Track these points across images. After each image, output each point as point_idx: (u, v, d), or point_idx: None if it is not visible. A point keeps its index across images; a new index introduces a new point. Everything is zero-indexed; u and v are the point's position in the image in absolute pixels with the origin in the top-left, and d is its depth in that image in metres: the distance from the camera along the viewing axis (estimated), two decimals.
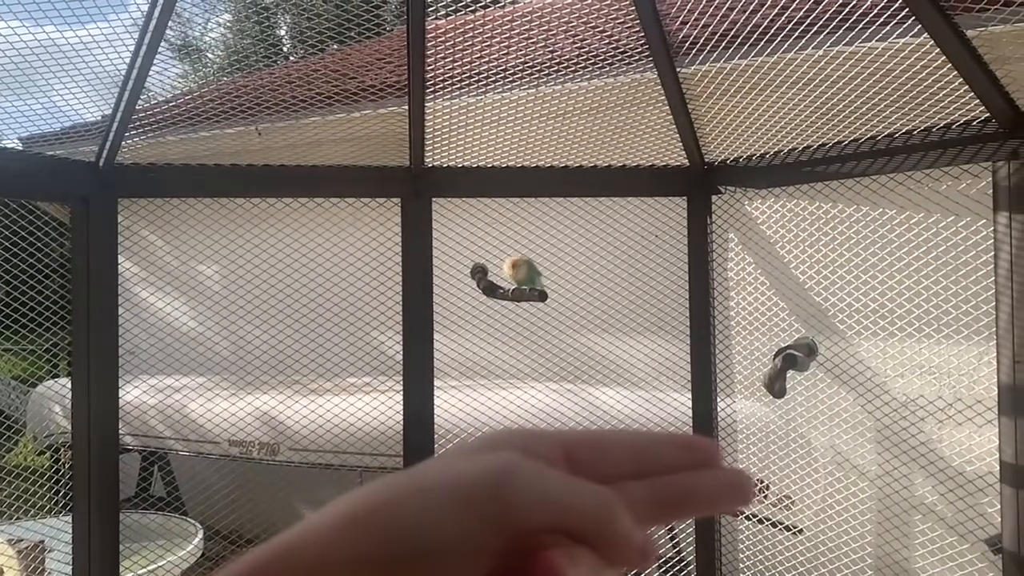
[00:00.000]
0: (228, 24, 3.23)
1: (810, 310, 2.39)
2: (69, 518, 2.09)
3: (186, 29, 3.11)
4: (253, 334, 2.68)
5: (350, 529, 0.30)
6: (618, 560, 0.30)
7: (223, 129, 2.63)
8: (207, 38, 3.18)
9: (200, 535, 3.28)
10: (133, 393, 2.45)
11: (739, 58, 2.14)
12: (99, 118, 2.54)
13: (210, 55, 3.44)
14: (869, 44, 1.80)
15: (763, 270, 2.49)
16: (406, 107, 2.27)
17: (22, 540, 2.39)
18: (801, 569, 2.41)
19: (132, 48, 1.96)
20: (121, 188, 2.14)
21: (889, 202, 2.10)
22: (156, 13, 1.88)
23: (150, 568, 2.85)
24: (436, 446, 2.33)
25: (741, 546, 2.49)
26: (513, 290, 2.35)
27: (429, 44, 2.18)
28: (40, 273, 2.77)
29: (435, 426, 2.32)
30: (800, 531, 2.48)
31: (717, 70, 2.17)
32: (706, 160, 2.37)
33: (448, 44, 2.25)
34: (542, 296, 2.31)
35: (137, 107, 2.12)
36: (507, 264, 2.30)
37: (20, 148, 2.68)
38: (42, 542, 2.39)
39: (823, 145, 2.09)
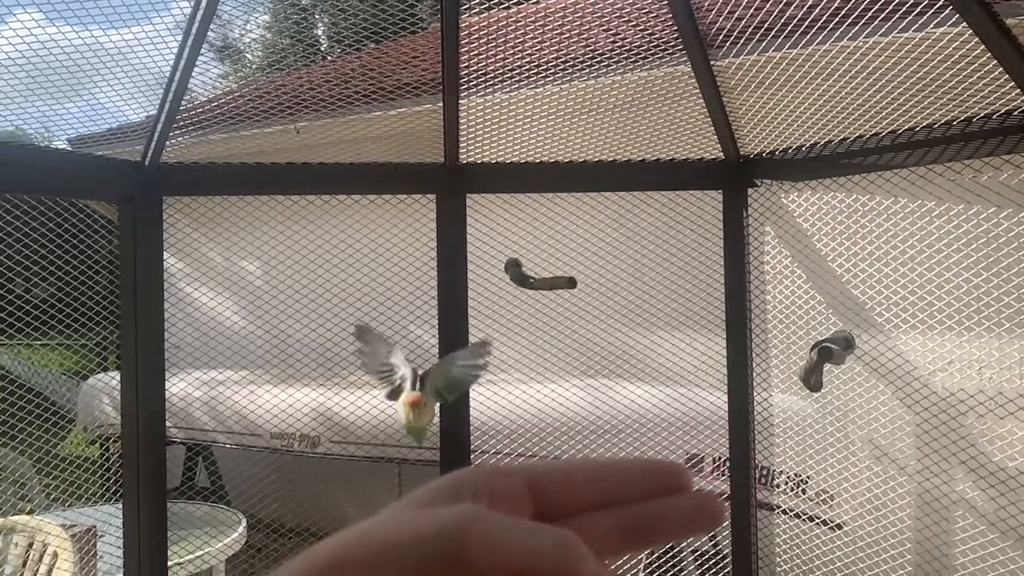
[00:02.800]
0: (267, 24, 3.29)
1: (848, 303, 2.37)
2: (118, 505, 2.16)
3: (226, 30, 3.18)
4: (294, 328, 2.74)
5: None
6: None
7: (263, 128, 2.69)
8: (246, 38, 3.24)
9: (243, 525, 3.36)
10: (179, 386, 2.52)
11: (774, 50, 2.13)
12: (143, 118, 2.61)
13: (249, 55, 3.50)
14: (906, 35, 1.78)
15: (800, 263, 2.47)
16: (441, 104, 2.30)
17: (75, 525, 2.48)
18: (839, 564, 2.40)
19: (175, 49, 2.01)
20: (166, 187, 2.20)
21: (928, 194, 2.07)
22: (199, 16, 1.93)
23: (197, 555, 2.94)
24: (472, 440, 2.36)
25: (778, 539, 2.48)
26: (541, 279, 2.36)
27: (463, 41, 2.20)
28: (91, 270, 2.85)
29: (471, 419, 2.35)
30: (839, 526, 2.46)
31: (752, 62, 2.16)
32: (741, 153, 2.36)
33: (482, 40, 2.27)
34: (571, 283, 2.31)
35: (180, 107, 2.18)
36: (405, 406, 1.69)
37: (68, 149, 2.77)
38: (94, 527, 2.48)
39: (860, 137, 2.07)
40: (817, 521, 2.50)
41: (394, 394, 1.71)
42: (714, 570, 2.56)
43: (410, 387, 1.68)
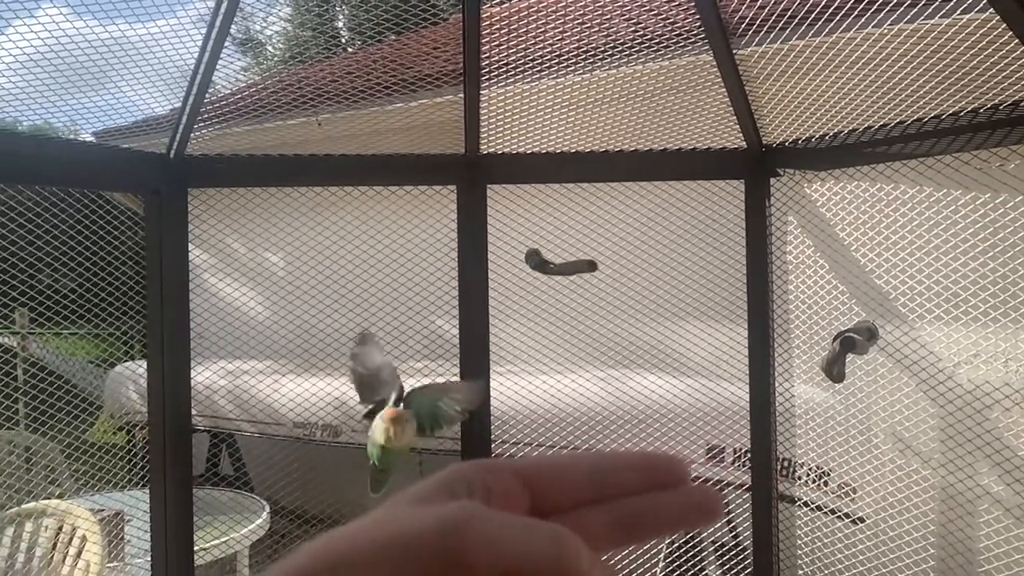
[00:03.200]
0: (288, 17, 3.31)
1: (871, 294, 2.35)
2: (145, 491, 2.20)
3: (248, 23, 3.20)
4: (317, 319, 2.76)
5: None
6: None
7: (285, 120, 2.71)
8: (268, 31, 3.26)
9: (267, 511, 3.41)
10: (203, 376, 2.56)
11: (797, 38, 2.11)
12: (167, 111, 2.64)
13: (271, 48, 3.53)
14: (931, 21, 1.75)
15: (823, 253, 2.45)
16: (461, 95, 2.31)
17: (103, 510, 2.53)
18: (861, 558, 2.38)
19: (200, 43, 2.03)
20: (191, 179, 2.23)
21: (954, 183, 2.04)
22: (222, 9, 1.95)
23: (221, 540, 2.98)
24: (492, 430, 2.37)
25: (799, 531, 2.47)
26: (561, 263, 2.36)
27: (484, 31, 2.21)
28: (117, 260, 2.90)
29: (491, 410, 2.37)
30: (861, 520, 2.44)
31: (775, 51, 2.14)
32: (764, 142, 2.34)
33: (503, 31, 2.27)
34: (592, 266, 2.31)
35: (204, 100, 2.20)
36: (383, 423, 1.52)
37: (95, 142, 2.81)
38: (121, 512, 2.53)
39: (884, 125, 2.05)
40: (838, 514, 2.49)
41: (371, 414, 1.54)
42: (734, 562, 2.55)
43: (392, 404, 1.52)
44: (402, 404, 1.57)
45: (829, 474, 2.53)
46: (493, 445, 2.41)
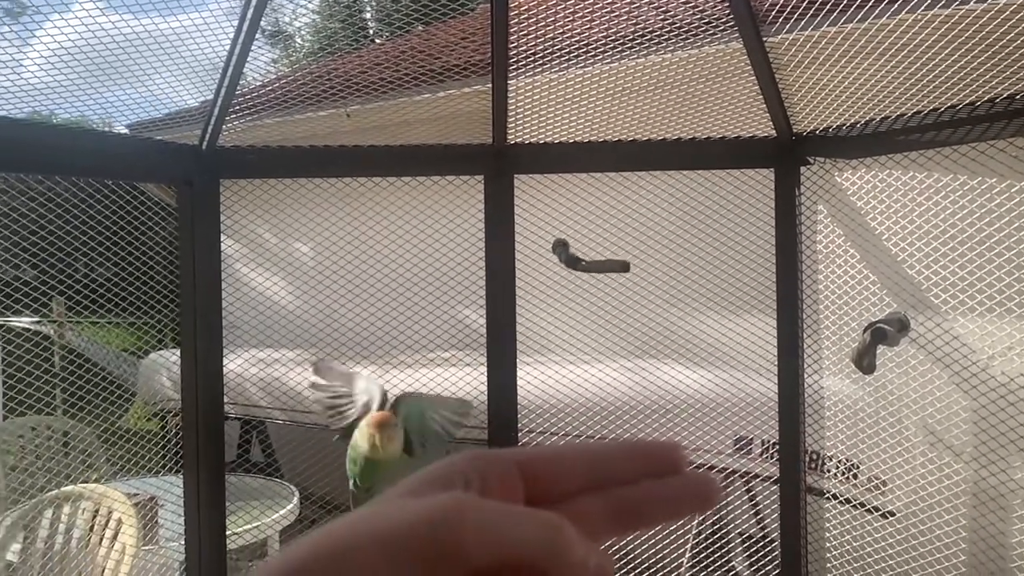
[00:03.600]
0: (317, 8, 3.33)
1: (903, 284, 2.32)
2: (177, 477, 2.24)
3: (278, 15, 3.23)
4: (345, 308, 2.79)
5: None
6: None
7: (316, 112, 2.73)
8: (297, 23, 3.29)
9: (296, 498, 3.45)
10: (234, 364, 2.60)
11: (828, 25, 2.08)
12: (198, 103, 2.67)
13: (299, 40, 3.55)
14: (967, 6, 1.72)
15: (854, 243, 2.42)
16: (489, 85, 2.31)
17: (137, 494, 2.59)
18: (890, 551, 2.36)
19: (231, 35, 2.06)
20: (223, 170, 2.26)
21: (989, 171, 2.01)
22: (253, 1, 1.97)
23: (253, 525, 3.03)
24: (519, 419, 2.38)
25: (828, 522, 2.45)
26: (592, 261, 2.36)
27: (512, 21, 2.20)
28: (151, 251, 2.95)
29: (518, 400, 2.37)
30: (891, 514, 2.42)
31: (805, 38, 2.12)
32: (794, 131, 2.32)
33: (531, 21, 2.27)
34: (624, 266, 2.30)
35: (235, 92, 2.23)
36: (367, 428, 1.36)
37: (129, 134, 2.85)
38: (155, 497, 2.58)
39: (918, 112, 2.02)
40: (868, 508, 2.47)
41: (348, 431, 1.43)
42: (761, 554, 2.54)
43: (377, 408, 1.41)
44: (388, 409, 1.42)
45: (859, 467, 2.51)
46: (520, 435, 2.42)
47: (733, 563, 2.65)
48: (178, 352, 2.22)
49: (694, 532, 2.71)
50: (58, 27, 2.12)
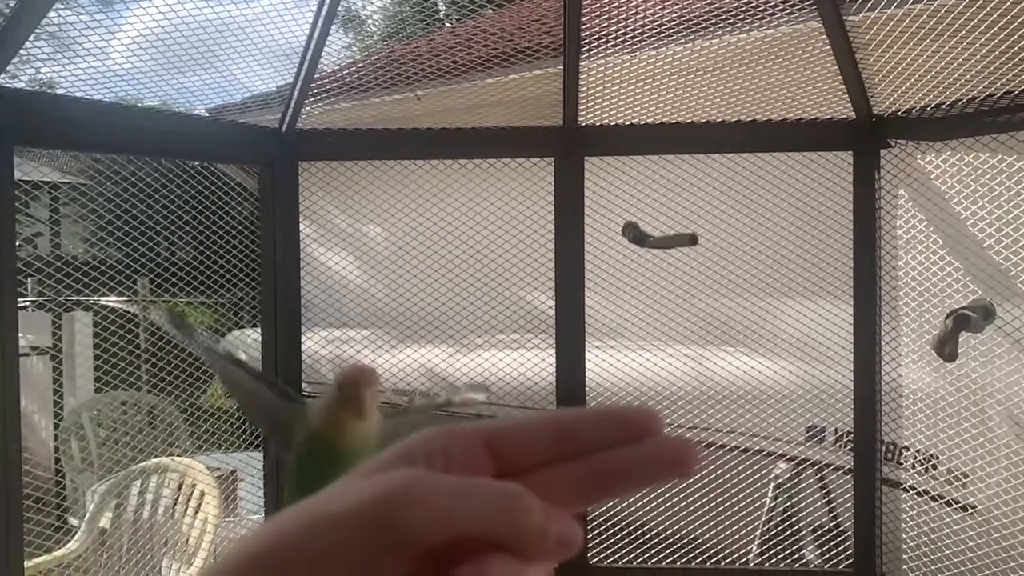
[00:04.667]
0: None
1: (988, 271, 2.24)
2: (253, 453, 2.33)
3: (350, 1, 3.28)
4: (415, 289, 2.83)
5: None
6: (535, 556, 0.29)
7: (389, 96, 2.77)
8: (369, 8, 3.33)
9: None
10: (307, 343, 2.67)
11: (912, 2, 2.01)
12: (274, 88, 2.74)
13: (371, 24, 3.60)
14: None
15: (936, 228, 2.34)
16: (560, 67, 2.30)
17: (218, 468, 2.69)
18: (970, 545, 2.29)
19: (309, 21, 2.10)
20: (301, 152, 2.32)
21: None
22: None
23: None
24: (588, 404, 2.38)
25: (904, 515, 2.39)
26: (660, 237, 2.33)
27: (585, 2, 2.19)
28: (228, 234, 3.04)
29: (585, 384, 2.38)
30: (972, 508, 2.35)
31: (887, 16, 2.05)
32: (874, 112, 2.25)
33: (604, 1, 2.25)
34: (692, 240, 2.27)
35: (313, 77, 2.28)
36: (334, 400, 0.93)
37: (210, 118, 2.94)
38: (235, 471, 2.68)
39: (1007, 93, 1.94)
40: (947, 500, 2.40)
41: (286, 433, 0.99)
42: (833, 546, 2.50)
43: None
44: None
45: (938, 459, 2.44)
46: None
47: (804, 553, 2.61)
48: (255, 332, 2.29)
49: (763, 521, 2.67)
50: (140, 17, 2.20)
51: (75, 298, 3.69)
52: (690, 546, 2.62)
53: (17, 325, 1.75)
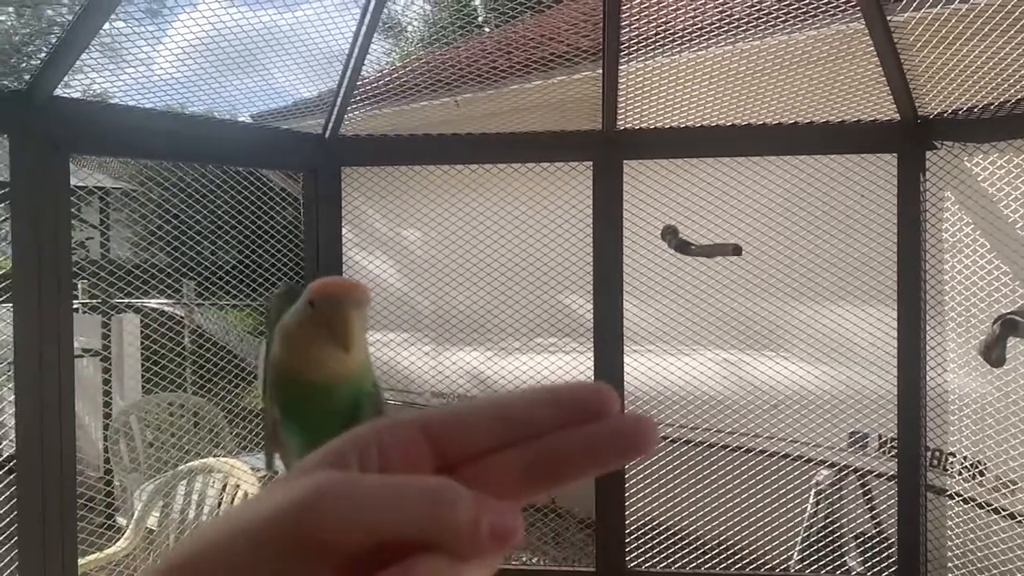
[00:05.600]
0: None
1: None
2: None
3: (390, 6, 3.31)
4: (454, 293, 2.86)
5: None
6: (468, 553, 0.27)
7: (429, 101, 2.80)
8: (409, 13, 3.37)
9: None
10: None
11: (959, 1, 1.98)
12: (315, 94, 2.78)
13: (411, 30, 3.64)
14: None
15: (984, 231, 2.30)
16: (599, 71, 2.31)
17: (261, 469, 2.73)
18: (1019, 551, 2.24)
19: (352, 28, 2.14)
20: (344, 158, 2.35)
21: None
22: None
23: None
24: (627, 408, 2.38)
25: (950, 522, 2.35)
26: (703, 245, 2.32)
27: (624, 5, 2.20)
28: (272, 238, 3.09)
29: (624, 389, 2.38)
30: (1021, 517, 2.29)
31: (933, 16, 2.02)
32: (919, 114, 2.22)
33: (644, 3, 2.25)
34: (736, 250, 2.26)
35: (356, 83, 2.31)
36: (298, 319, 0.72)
37: (254, 124, 3.00)
38: (277, 472, 2.72)
39: None
40: (994, 508, 2.35)
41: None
42: (876, 554, 2.46)
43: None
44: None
45: (985, 465, 2.39)
46: None
47: (846, 561, 2.57)
48: None
49: (804, 528, 2.64)
50: (186, 24, 2.25)
51: (124, 301, 3.78)
52: (729, 552, 2.60)
53: (72, 327, 1.80)
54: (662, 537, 2.54)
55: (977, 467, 2.38)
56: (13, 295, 1.72)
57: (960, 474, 2.40)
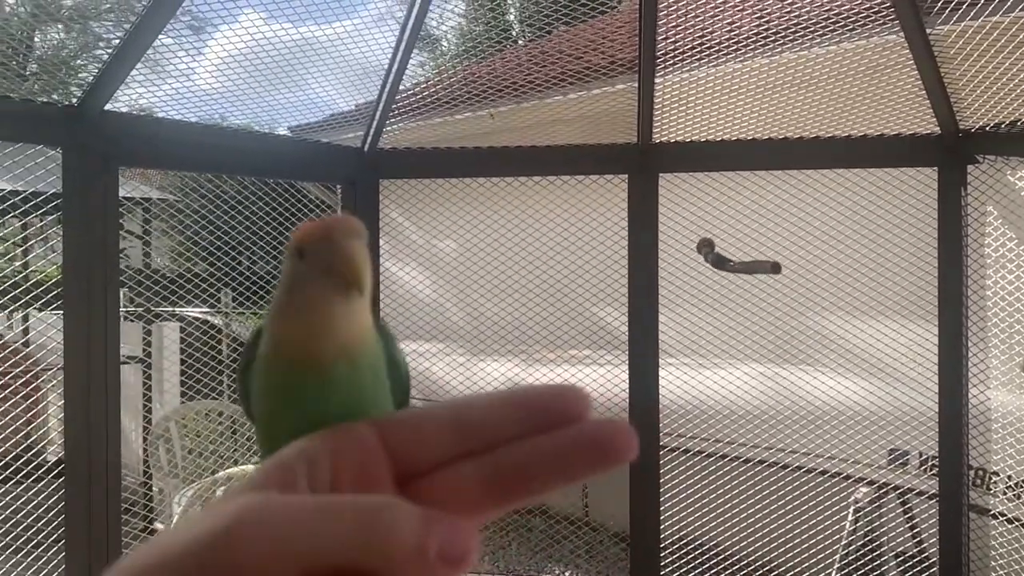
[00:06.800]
0: (462, 12, 3.43)
1: None
2: None
3: (425, 20, 3.35)
4: (486, 305, 2.87)
5: None
6: None
7: (465, 114, 2.83)
8: (443, 27, 3.40)
9: None
10: None
11: (1001, 14, 1.95)
12: (352, 107, 2.82)
13: (445, 43, 3.67)
14: None
15: None
16: (635, 84, 2.31)
17: None
18: None
19: (391, 42, 2.17)
20: (383, 171, 2.38)
21: None
22: (415, 10, 2.06)
23: None
24: (660, 423, 2.37)
25: (993, 542, 2.30)
26: (741, 262, 2.31)
27: (660, 16, 2.20)
28: None
29: (659, 402, 2.36)
30: None
31: (975, 29, 2.00)
32: (961, 127, 2.19)
33: (680, 15, 2.25)
34: (775, 268, 2.24)
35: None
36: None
37: (292, 137, 3.05)
38: None
39: None
40: None
41: None
42: (917, 573, 2.41)
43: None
44: None
45: None
46: (662, 439, 2.41)
47: None
48: None
49: (843, 546, 2.60)
50: (227, 37, 2.29)
51: (165, 309, 3.85)
52: (765, 570, 2.57)
53: (119, 336, 1.85)
54: (697, 552, 2.52)
55: (1022, 486, 2.33)
56: (63, 303, 1.76)
57: (1004, 493, 2.35)
